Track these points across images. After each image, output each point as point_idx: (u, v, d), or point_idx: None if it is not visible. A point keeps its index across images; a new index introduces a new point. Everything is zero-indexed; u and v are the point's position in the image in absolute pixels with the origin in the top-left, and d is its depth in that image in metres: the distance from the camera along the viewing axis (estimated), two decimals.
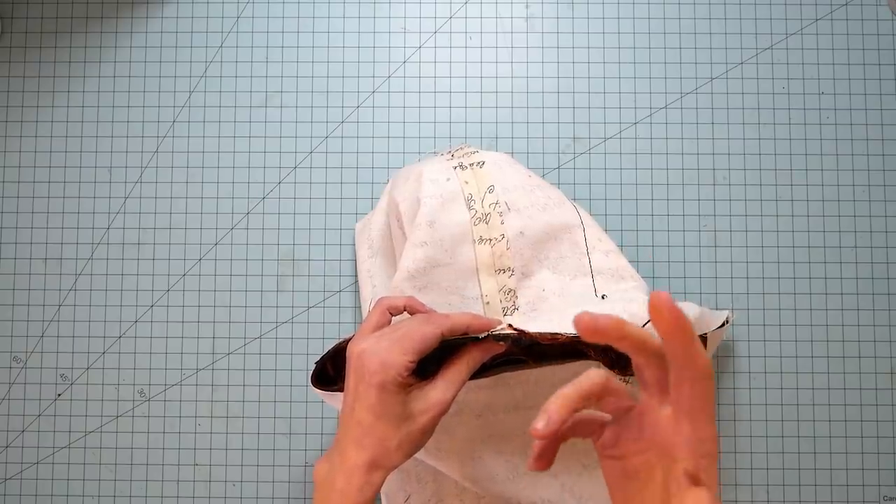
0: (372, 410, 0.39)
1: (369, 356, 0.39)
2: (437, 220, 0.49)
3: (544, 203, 0.52)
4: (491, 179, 0.51)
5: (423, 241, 0.49)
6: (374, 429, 0.39)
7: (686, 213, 0.59)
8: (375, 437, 0.39)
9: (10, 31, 0.61)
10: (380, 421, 0.39)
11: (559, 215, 0.52)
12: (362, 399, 0.39)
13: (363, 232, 0.57)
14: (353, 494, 0.39)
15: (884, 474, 0.57)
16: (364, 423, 0.39)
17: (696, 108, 0.60)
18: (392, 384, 0.39)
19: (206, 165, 0.60)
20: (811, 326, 0.58)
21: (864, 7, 0.60)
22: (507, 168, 0.52)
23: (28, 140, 0.61)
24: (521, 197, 0.51)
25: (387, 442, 0.39)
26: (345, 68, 0.61)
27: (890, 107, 0.60)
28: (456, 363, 0.42)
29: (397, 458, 0.40)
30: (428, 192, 0.50)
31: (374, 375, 0.39)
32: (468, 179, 0.51)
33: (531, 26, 0.61)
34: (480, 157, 0.52)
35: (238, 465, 0.58)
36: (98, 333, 0.59)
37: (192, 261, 0.60)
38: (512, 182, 0.52)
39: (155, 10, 0.62)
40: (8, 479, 0.59)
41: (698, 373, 0.31)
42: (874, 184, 0.59)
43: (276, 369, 0.59)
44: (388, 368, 0.39)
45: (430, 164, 0.52)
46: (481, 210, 0.50)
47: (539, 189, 0.52)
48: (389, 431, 0.39)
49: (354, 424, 0.40)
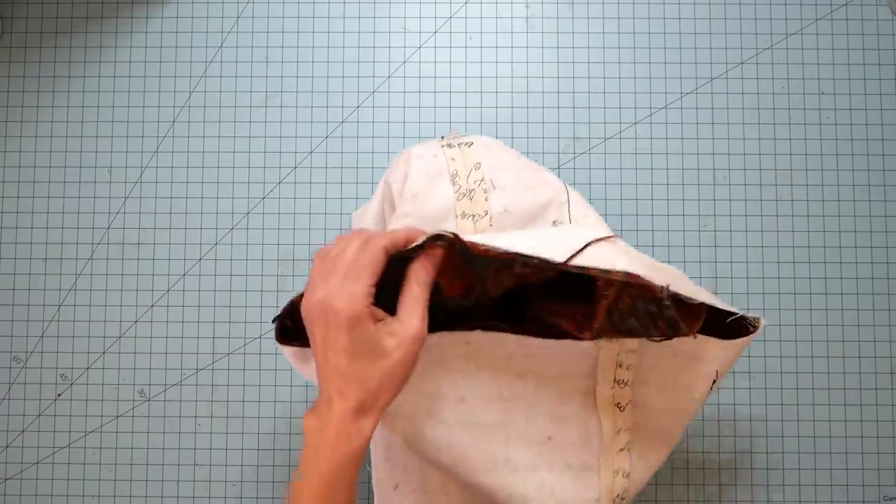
0: (345, 352, 0.38)
1: (329, 298, 0.38)
2: (422, 193, 0.50)
3: (530, 183, 0.52)
4: (478, 158, 0.51)
5: (405, 212, 0.49)
6: (351, 371, 0.38)
7: (686, 213, 0.59)
8: (355, 380, 0.38)
9: (10, 31, 0.61)
10: (355, 362, 0.38)
11: (545, 194, 0.51)
12: (333, 344, 0.38)
13: (360, 219, 0.57)
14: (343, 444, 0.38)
15: (884, 474, 0.57)
16: (341, 367, 0.38)
17: (696, 108, 0.60)
18: (360, 317, 0.38)
19: (206, 165, 0.60)
20: (811, 326, 0.58)
21: (864, 7, 0.60)
22: (494, 149, 0.53)
23: (28, 140, 0.61)
24: (507, 176, 0.51)
25: (368, 382, 0.38)
26: (345, 68, 0.61)
27: (890, 107, 0.60)
28: (407, 287, 0.41)
29: (383, 398, 0.39)
30: (415, 167, 0.50)
31: (339, 314, 0.38)
32: (455, 157, 0.51)
33: (531, 26, 0.61)
34: (469, 139, 0.53)
35: (238, 465, 0.58)
36: (98, 333, 0.59)
37: (192, 261, 0.60)
38: (499, 162, 0.52)
39: (155, 10, 0.62)
40: (8, 479, 0.59)
41: None
42: (874, 184, 0.59)
43: (276, 369, 0.59)
44: (351, 302, 0.38)
45: (419, 144, 0.53)
46: (466, 186, 0.50)
47: (527, 170, 0.52)
48: (367, 370, 0.38)
49: (332, 372, 0.39)
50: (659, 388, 0.49)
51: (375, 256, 0.39)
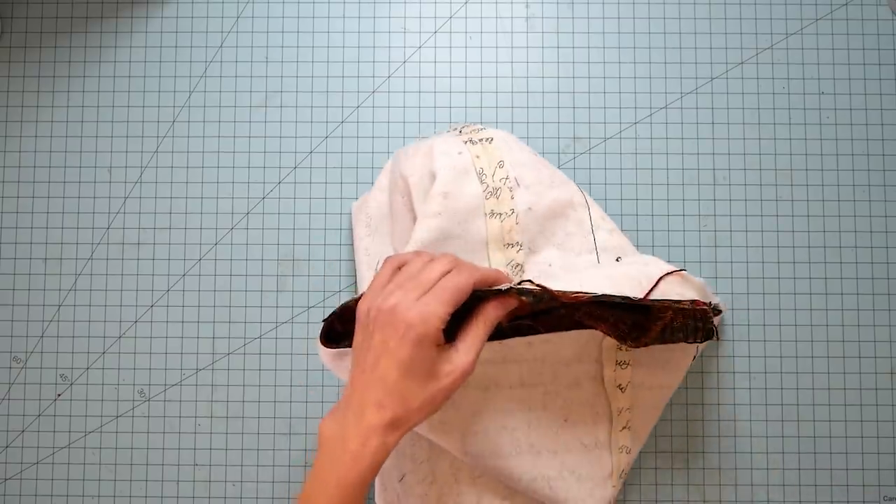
0: (401, 366, 0.38)
1: (404, 310, 0.38)
2: (452, 192, 0.50)
3: (550, 181, 0.53)
4: (500, 155, 0.52)
5: (437, 211, 0.49)
6: (398, 386, 0.38)
7: (686, 213, 0.59)
8: (399, 396, 0.38)
9: (10, 31, 0.61)
10: (406, 378, 0.38)
11: (565, 192, 0.53)
12: (392, 354, 0.38)
13: (360, 210, 0.57)
14: (368, 457, 0.37)
15: (884, 474, 0.57)
16: (388, 379, 0.38)
17: (696, 108, 0.60)
18: (430, 338, 0.38)
19: (206, 165, 0.60)
20: (811, 326, 0.58)
21: (864, 7, 0.60)
22: (514, 145, 0.53)
23: (28, 140, 0.61)
24: (528, 173, 0.52)
25: (410, 401, 0.38)
26: (345, 68, 0.61)
27: (890, 107, 0.60)
28: (474, 324, 0.41)
29: (417, 418, 0.39)
30: (442, 164, 0.50)
31: (410, 329, 0.37)
32: (479, 154, 0.52)
33: (531, 26, 0.61)
34: (488, 134, 0.53)
35: (238, 465, 0.58)
36: (98, 333, 0.59)
37: (192, 261, 0.60)
38: (520, 159, 0.52)
39: (155, 10, 0.62)
40: (8, 479, 0.59)
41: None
42: (874, 184, 0.59)
43: (276, 369, 0.59)
44: (425, 321, 0.37)
45: (440, 139, 0.53)
46: (492, 184, 0.51)
47: (544, 167, 0.53)
48: (415, 389, 0.38)
49: (376, 381, 0.38)
50: (650, 367, 0.53)
51: (463, 287, 0.39)
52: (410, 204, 0.52)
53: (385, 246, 0.55)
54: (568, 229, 0.52)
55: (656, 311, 0.48)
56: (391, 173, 0.55)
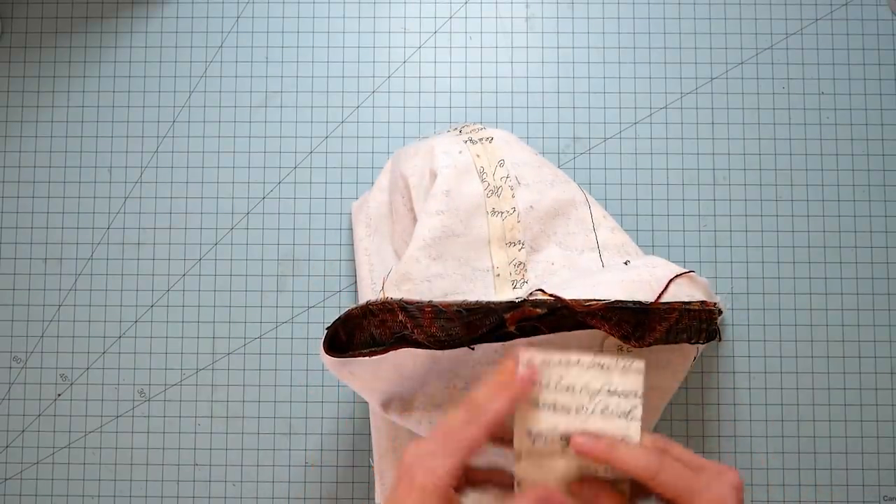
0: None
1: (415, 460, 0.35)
2: (454, 190, 0.50)
3: (551, 179, 0.53)
4: (501, 154, 0.52)
5: (439, 209, 0.50)
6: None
7: (686, 213, 0.59)
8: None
9: (10, 31, 0.61)
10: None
11: (566, 191, 0.53)
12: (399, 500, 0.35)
13: (360, 210, 0.57)
14: None
15: (884, 474, 0.57)
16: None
17: (696, 108, 0.60)
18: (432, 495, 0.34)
19: (206, 165, 0.60)
20: (811, 326, 0.58)
21: (864, 7, 0.60)
22: (514, 144, 0.53)
23: (28, 140, 0.61)
24: (529, 172, 0.52)
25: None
26: (345, 68, 0.61)
27: (890, 107, 0.60)
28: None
29: None
30: (443, 163, 0.51)
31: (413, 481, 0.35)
32: (479, 153, 0.52)
33: (531, 26, 0.61)
34: (488, 133, 0.53)
35: (238, 465, 0.58)
36: (98, 333, 0.59)
37: (192, 261, 0.60)
38: (520, 158, 0.53)
39: (155, 10, 0.62)
40: (8, 479, 0.59)
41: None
42: (874, 184, 0.59)
43: (276, 369, 0.59)
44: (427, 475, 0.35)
45: (440, 139, 0.53)
46: (493, 183, 0.51)
47: (545, 166, 0.54)
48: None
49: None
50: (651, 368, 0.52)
51: (476, 441, 0.36)
52: (410, 204, 0.52)
53: (385, 246, 0.56)
54: (569, 228, 0.52)
55: (662, 312, 0.48)
56: (391, 173, 0.55)
